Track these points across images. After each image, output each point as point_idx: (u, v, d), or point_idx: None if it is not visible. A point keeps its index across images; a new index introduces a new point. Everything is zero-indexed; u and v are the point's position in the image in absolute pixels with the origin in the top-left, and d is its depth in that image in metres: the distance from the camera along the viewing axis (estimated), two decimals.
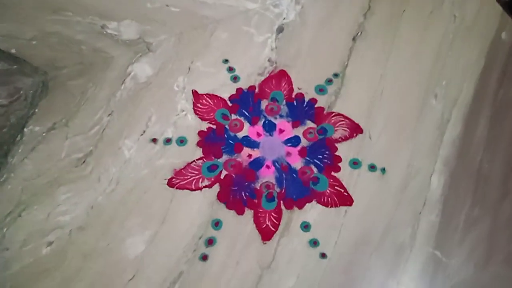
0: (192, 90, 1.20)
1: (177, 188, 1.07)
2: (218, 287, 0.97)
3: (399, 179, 1.09)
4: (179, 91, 1.20)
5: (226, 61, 1.25)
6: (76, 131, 1.13)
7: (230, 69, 1.23)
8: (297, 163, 1.11)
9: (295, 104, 1.19)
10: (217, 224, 1.03)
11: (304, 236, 1.02)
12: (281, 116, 1.17)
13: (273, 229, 1.03)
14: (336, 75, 1.23)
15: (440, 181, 1.09)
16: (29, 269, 0.98)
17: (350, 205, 1.06)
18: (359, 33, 1.30)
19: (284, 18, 1.33)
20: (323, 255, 1.00)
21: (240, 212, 1.05)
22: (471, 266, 0.99)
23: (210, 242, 1.01)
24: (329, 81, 1.22)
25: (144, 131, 1.14)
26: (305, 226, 1.03)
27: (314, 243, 1.01)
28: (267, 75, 1.23)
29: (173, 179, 1.08)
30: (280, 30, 1.31)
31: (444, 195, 1.07)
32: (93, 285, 0.97)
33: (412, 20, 1.32)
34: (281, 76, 1.23)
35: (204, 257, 1.00)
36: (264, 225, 1.03)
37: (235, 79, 1.22)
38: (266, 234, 1.02)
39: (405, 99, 1.20)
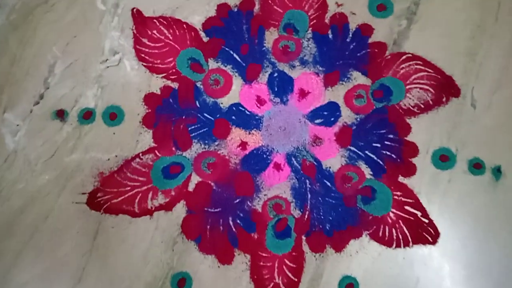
0: (133, 10, 0.63)
1: (105, 212, 0.57)
2: None
3: None
4: (107, 11, 0.64)
5: None
6: None
7: None
8: (334, 159, 0.58)
9: (330, 37, 0.62)
10: (182, 283, 0.55)
11: None
12: (303, 63, 0.62)
13: None
14: None
15: None
16: None
17: (434, 243, 0.56)
18: None
19: None
20: None
21: (225, 259, 0.56)
22: None
23: None
24: None
25: (41, 96, 0.61)
26: (349, 286, 0.55)
27: None
28: None
29: (99, 194, 0.57)
30: None
31: None
32: None
33: None
34: None
35: None
36: (272, 284, 0.55)
37: None
38: None
39: None
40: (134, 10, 0.64)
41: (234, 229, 0.57)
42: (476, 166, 0.59)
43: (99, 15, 0.64)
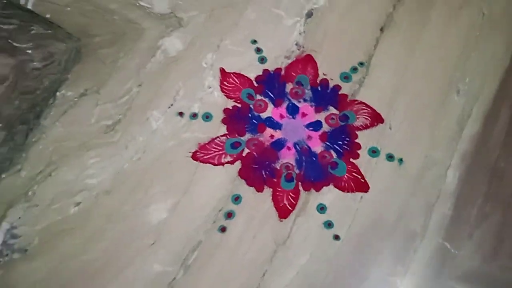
0: (220, 68, 1.22)
1: (200, 161, 1.11)
2: (234, 259, 1.02)
3: (415, 169, 1.12)
4: (207, 67, 1.22)
5: (254, 41, 1.26)
6: (107, 98, 1.16)
7: (258, 50, 1.25)
8: (317, 147, 1.14)
9: (319, 89, 1.21)
10: (237, 199, 1.07)
11: (320, 218, 1.07)
12: (304, 100, 1.20)
13: (290, 208, 1.07)
14: (361, 63, 1.24)
15: (455, 175, 1.11)
16: (56, 226, 1.03)
17: (366, 191, 1.09)
18: (387, 23, 1.31)
19: (314, 3, 1.33)
20: (336, 237, 1.05)
21: (259, 189, 1.09)
22: (479, 258, 1.03)
23: (229, 215, 1.06)
24: (354, 69, 1.23)
25: (171, 104, 1.16)
26: (321, 208, 1.07)
27: (328, 224, 1.06)
28: (294, 58, 1.25)
29: (197, 153, 1.11)
30: (309, 15, 1.32)
31: (458, 190, 1.10)
32: (115, 245, 1.02)
33: (441, 14, 1.32)
34: (307, 60, 1.24)
35: (223, 229, 1.04)
36: (282, 204, 1.07)
37: (262, 60, 1.24)
38: (283, 213, 1.06)
39: (428, 92, 1.21)
40: (220, 68, 1.24)
41: (264, 176, 1.10)
42: (390, 157, 1.14)
43: (202, 69, 1.22)
